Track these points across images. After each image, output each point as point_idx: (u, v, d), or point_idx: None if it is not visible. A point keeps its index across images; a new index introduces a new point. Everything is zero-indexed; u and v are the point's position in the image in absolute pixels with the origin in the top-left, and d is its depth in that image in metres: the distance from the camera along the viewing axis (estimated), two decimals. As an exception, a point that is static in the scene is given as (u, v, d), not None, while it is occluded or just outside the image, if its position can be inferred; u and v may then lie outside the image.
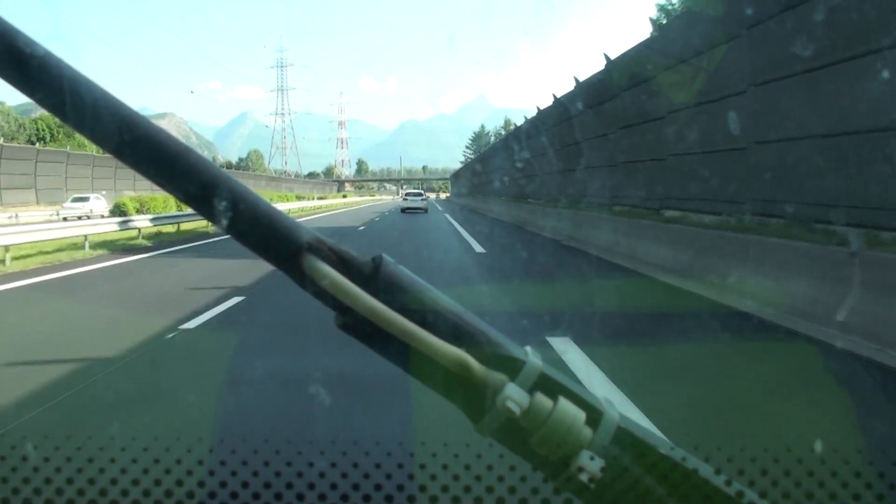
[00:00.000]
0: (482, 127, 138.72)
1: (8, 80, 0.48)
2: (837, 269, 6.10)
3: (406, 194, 45.96)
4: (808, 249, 6.81)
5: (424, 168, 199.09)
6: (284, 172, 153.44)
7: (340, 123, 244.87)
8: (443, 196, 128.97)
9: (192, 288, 8.96)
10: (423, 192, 48.36)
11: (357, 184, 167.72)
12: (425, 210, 38.73)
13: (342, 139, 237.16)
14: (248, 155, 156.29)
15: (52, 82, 0.48)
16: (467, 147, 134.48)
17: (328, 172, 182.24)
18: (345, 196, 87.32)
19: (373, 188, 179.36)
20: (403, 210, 39.07)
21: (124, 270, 11.47)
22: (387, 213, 37.84)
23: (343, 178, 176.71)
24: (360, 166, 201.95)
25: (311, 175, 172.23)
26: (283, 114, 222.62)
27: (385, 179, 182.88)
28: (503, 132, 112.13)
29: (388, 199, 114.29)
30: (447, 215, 33.99)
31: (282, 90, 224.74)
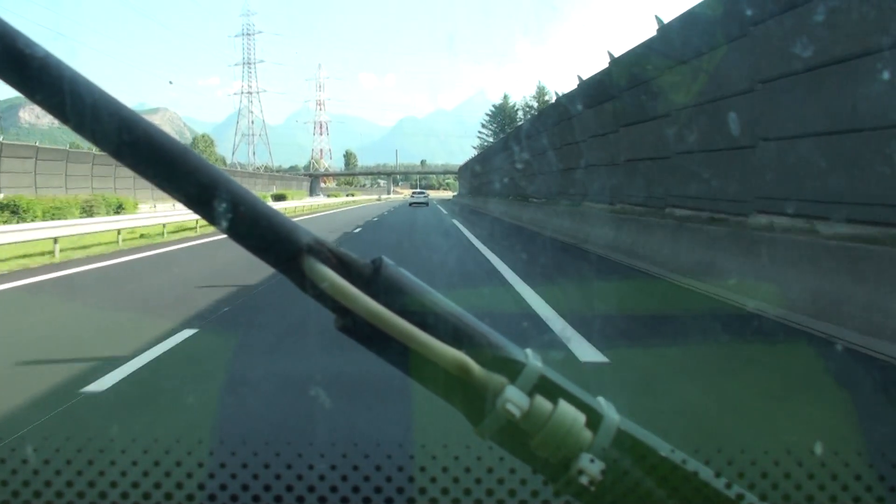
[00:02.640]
0: (505, 98, 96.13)
1: (8, 81, 0.48)
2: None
3: (413, 193, 67.26)
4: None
5: (423, 162, 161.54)
6: (253, 166, 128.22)
7: (318, 103, 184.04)
8: (442, 194, 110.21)
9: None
10: (425, 191, 69.82)
11: (344, 180, 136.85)
12: (426, 204, 54.35)
13: (321, 123, 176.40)
14: (194, 141, 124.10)
15: (52, 83, 0.48)
16: (484, 126, 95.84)
17: (309, 166, 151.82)
18: (277, 198, 48.33)
19: (364, 185, 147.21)
20: (411, 204, 54.33)
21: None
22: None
23: (323, 171, 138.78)
24: (348, 159, 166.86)
25: (293, 169, 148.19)
26: (249, 92, 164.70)
27: (372, 173, 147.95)
28: (535, 104, 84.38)
29: (372, 199, 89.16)
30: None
31: (249, 64, 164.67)
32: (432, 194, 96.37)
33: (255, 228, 0.49)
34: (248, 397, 4.07)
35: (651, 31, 12.91)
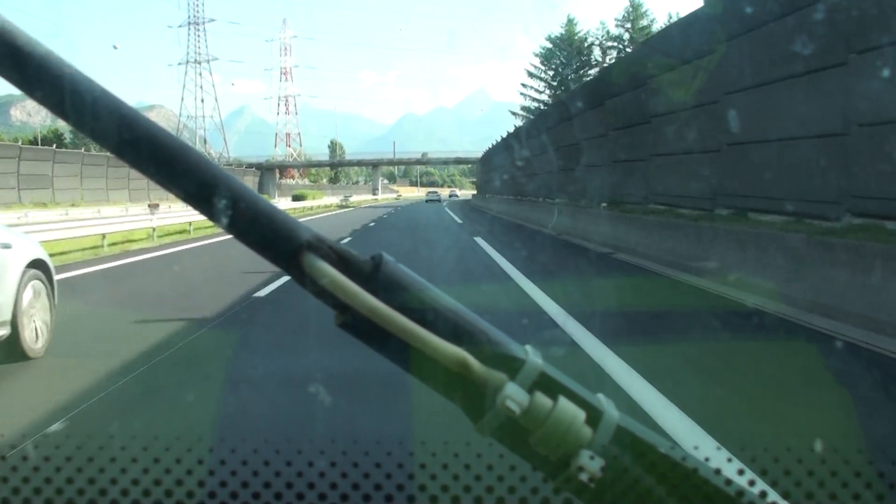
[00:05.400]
0: (570, 24, 56.85)
1: (8, 79, 0.48)
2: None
3: (427, 192, 76.24)
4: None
5: (424, 154, 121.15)
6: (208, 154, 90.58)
7: (283, 71, 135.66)
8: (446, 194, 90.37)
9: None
10: (437, 191, 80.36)
11: (325, 174, 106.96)
12: (440, 201, 61.76)
13: (286, 99, 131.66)
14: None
15: (52, 81, 0.48)
16: (531, 75, 57.78)
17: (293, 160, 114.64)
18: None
19: (357, 182, 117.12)
20: (427, 201, 62.59)
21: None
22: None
23: (290, 161, 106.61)
24: (334, 149, 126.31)
25: (267, 162, 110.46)
26: (198, 62, 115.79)
27: (352, 163, 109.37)
28: (625, 34, 51.57)
29: (329, 206, 47.86)
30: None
31: (196, 23, 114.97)
32: (459, 193, 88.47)
33: (255, 225, 0.50)
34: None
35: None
